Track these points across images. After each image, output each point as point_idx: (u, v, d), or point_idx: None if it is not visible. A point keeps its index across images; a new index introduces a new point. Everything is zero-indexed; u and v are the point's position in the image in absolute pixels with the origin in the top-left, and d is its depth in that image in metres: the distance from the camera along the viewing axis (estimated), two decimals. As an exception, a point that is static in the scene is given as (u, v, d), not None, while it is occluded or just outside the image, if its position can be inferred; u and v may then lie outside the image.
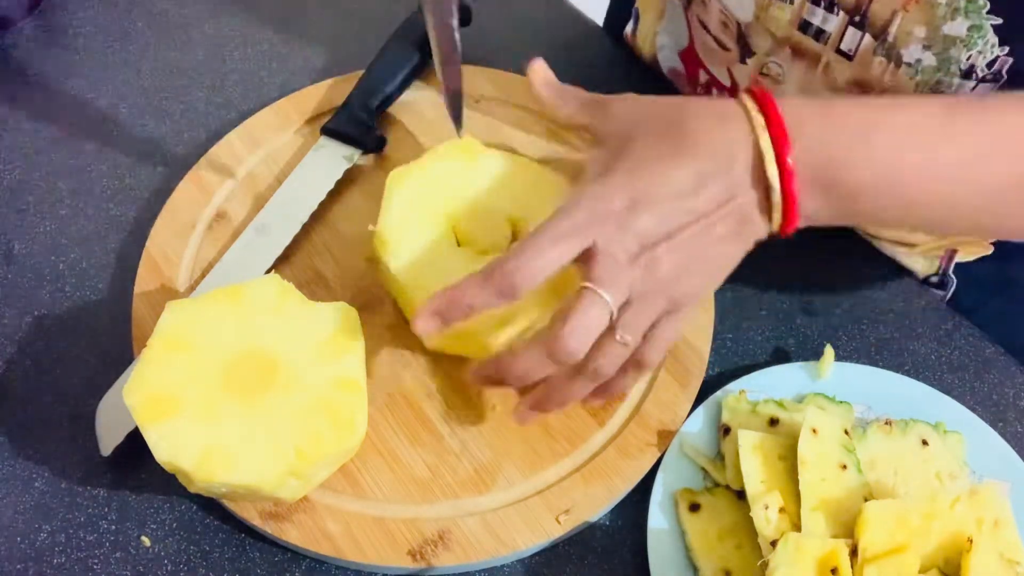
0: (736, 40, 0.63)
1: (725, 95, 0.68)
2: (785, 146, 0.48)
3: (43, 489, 0.59)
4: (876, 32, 0.56)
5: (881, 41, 0.56)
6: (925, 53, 0.55)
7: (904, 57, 0.55)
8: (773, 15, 0.59)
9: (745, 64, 0.64)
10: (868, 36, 0.56)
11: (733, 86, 0.67)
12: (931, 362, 0.65)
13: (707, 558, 0.55)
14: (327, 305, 0.57)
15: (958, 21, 0.52)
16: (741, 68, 0.64)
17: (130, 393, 0.53)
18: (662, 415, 0.60)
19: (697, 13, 0.66)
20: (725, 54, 0.65)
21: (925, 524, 0.52)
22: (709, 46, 0.66)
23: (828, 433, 0.56)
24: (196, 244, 0.67)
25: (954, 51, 0.54)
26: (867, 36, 0.56)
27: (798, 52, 0.60)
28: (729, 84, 0.67)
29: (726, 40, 0.64)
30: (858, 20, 0.56)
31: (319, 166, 0.69)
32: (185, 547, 0.57)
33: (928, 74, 0.55)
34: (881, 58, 0.56)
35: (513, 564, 0.57)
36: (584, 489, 0.58)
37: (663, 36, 0.73)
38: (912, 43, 0.55)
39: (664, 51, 0.74)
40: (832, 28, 0.58)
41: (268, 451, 0.52)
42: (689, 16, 0.68)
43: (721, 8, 0.63)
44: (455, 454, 0.59)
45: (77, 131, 0.75)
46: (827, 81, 0.60)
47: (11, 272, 0.68)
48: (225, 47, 0.80)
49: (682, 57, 0.71)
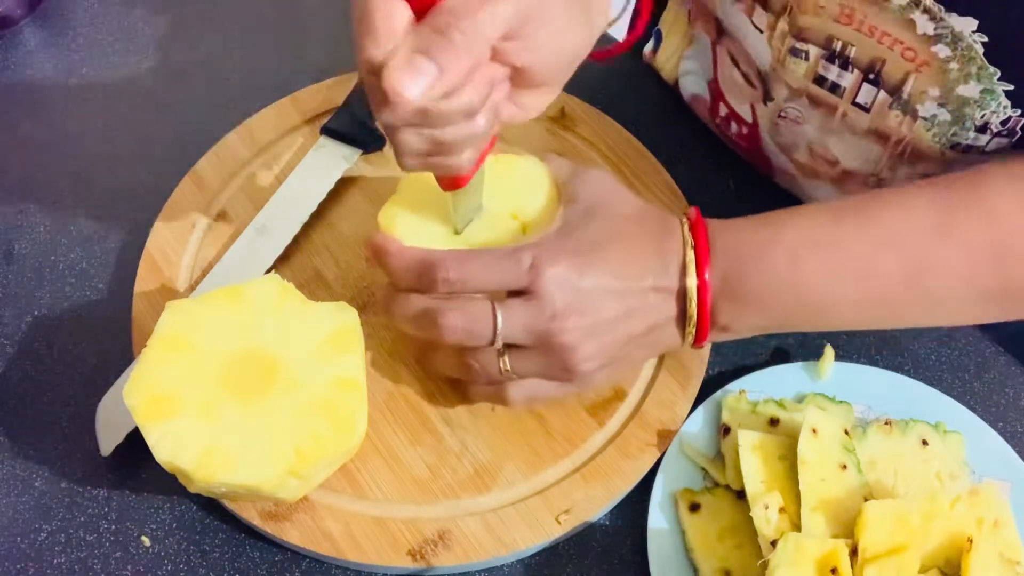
0: (759, 81, 0.64)
1: (744, 129, 0.69)
2: (705, 263, 0.53)
3: (43, 489, 0.59)
4: (890, 89, 0.57)
5: (896, 97, 0.57)
6: (940, 110, 0.55)
7: (920, 112, 0.56)
8: (789, 68, 0.60)
9: (766, 106, 0.65)
10: (883, 92, 0.57)
11: (754, 123, 0.67)
12: (931, 362, 0.65)
13: (707, 558, 0.55)
14: (327, 305, 0.57)
15: (971, 85, 0.53)
16: (762, 107, 0.65)
17: (130, 393, 0.53)
18: (662, 415, 0.60)
19: (728, 47, 0.66)
20: (751, 91, 0.66)
21: (925, 524, 0.52)
22: (735, 81, 0.67)
23: (828, 433, 0.56)
24: (196, 244, 0.67)
25: (968, 110, 0.55)
26: (882, 92, 0.57)
27: (815, 102, 0.61)
28: (751, 120, 0.67)
29: (753, 78, 0.65)
30: (872, 78, 0.57)
31: (319, 166, 0.69)
32: (185, 547, 0.57)
33: (944, 127, 0.56)
34: (897, 112, 0.57)
35: (513, 564, 0.57)
36: (584, 489, 0.58)
37: (689, 62, 0.73)
38: (927, 100, 0.56)
39: (689, 77, 0.74)
40: (847, 84, 0.58)
41: (268, 451, 0.52)
42: (717, 49, 0.68)
43: None
44: (455, 454, 0.59)
45: (77, 131, 0.75)
46: (846, 126, 0.61)
47: (11, 272, 0.68)
48: (225, 47, 0.80)
49: (709, 87, 0.71)
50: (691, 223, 0.55)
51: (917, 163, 0.60)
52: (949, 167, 0.58)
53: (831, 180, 0.66)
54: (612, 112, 0.74)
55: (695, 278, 0.53)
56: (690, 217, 0.56)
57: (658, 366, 0.62)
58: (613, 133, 0.73)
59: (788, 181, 0.70)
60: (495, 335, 0.52)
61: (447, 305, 0.53)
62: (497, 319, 0.52)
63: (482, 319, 0.52)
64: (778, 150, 0.67)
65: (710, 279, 0.53)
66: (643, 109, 0.77)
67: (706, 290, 0.53)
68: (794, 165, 0.67)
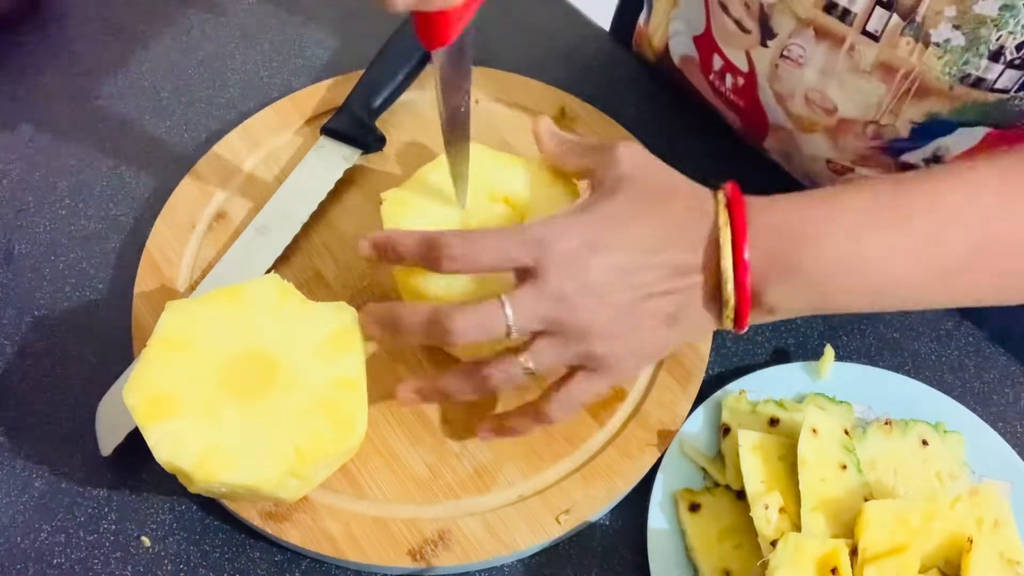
0: (758, 22, 0.63)
1: (740, 80, 0.67)
2: (743, 240, 0.51)
3: (43, 489, 0.59)
4: (904, 12, 0.55)
5: (909, 21, 0.55)
6: (954, 33, 0.54)
7: (932, 37, 0.55)
8: None
9: (766, 47, 0.63)
10: (896, 17, 0.55)
11: (750, 72, 0.66)
12: (931, 362, 0.65)
13: (707, 558, 0.55)
14: (327, 305, 0.57)
15: (990, 1, 0.52)
16: (761, 51, 0.64)
17: (130, 393, 0.53)
18: (662, 415, 0.60)
19: None
20: (745, 37, 0.64)
21: (925, 524, 0.52)
22: (728, 29, 0.65)
23: (828, 433, 0.56)
24: (196, 244, 0.67)
25: (984, 31, 0.53)
26: (895, 16, 0.55)
27: (821, 33, 0.59)
28: (747, 69, 0.66)
29: (747, 22, 0.63)
30: (886, 1, 0.55)
31: (319, 166, 0.69)
32: (185, 547, 0.57)
33: (956, 54, 0.54)
34: (909, 38, 0.56)
35: (513, 564, 0.57)
36: (584, 489, 0.58)
37: (676, 22, 0.73)
38: (941, 23, 0.54)
39: (677, 37, 0.73)
40: (858, 9, 0.57)
41: (268, 451, 0.52)
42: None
43: None
44: (455, 454, 0.59)
45: (77, 131, 0.75)
46: (850, 64, 0.59)
47: (11, 272, 0.68)
48: (225, 47, 0.80)
49: (696, 43, 0.70)
50: (729, 199, 0.52)
51: (923, 100, 0.58)
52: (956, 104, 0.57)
53: (827, 131, 0.65)
54: (612, 112, 0.74)
55: (731, 257, 0.51)
56: (727, 192, 0.53)
57: (658, 366, 0.62)
58: (613, 133, 0.73)
59: (782, 141, 0.69)
60: (508, 326, 0.50)
61: (453, 307, 0.51)
62: (506, 308, 0.50)
63: (491, 313, 0.50)
64: (775, 102, 0.66)
65: (750, 258, 0.51)
66: (643, 109, 0.77)
67: (745, 270, 0.51)
68: (790, 119, 0.66)
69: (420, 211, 0.59)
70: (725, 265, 0.51)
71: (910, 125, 0.60)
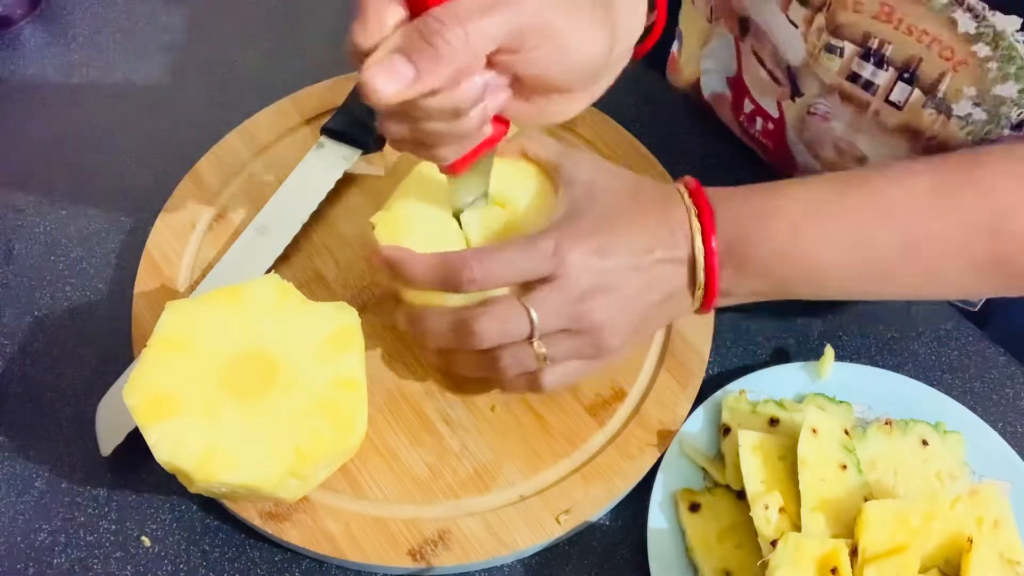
0: (787, 79, 0.64)
1: (771, 125, 0.69)
2: (710, 231, 0.54)
3: (43, 489, 0.59)
4: (926, 88, 0.57)
5: (931, 96, 0.57)
6: (976, 109, 0.55)
7: (955, 111, 0.56)
8: (823, 63, 0.60)
9: (794, 102, 0.65)
10: (918, 91, 0.57)
11: (780, 119, 0.67)
12: (931, 362, 0.65)
13: (707, 558, 0.55)
14: (327, 305, 0.57)
15: (1008, 84, 0.53)
16: (790, 104, 0.65)
17: (130, 393, 0.53)
18: (662, 415, 0.60)
19: (752, 45, 0.66)
20: (777, 88, 0.66)
21: (925, 524, 0.52)
22: (761, 78, 0.67)
23: (828, 433, 0.56)
24: (196, 244, 0.67)
25: (1004, 109, 0.55)
26: (916, 91, 0.57)
27: (847, 98, 0.61)
28: (777, 116, 0.67)
29: (779, 75, 0.65)
30: (907, 76, 0.57)
31: (319, 166, 0.69)
32: (185, 547, 0.57)
33: (978, 126, 0.56)
34: (931, 110, 0.57)
35: (513, 564, 0.57)
36: (584, 489, 0.58)
37: (707, 60, 0.73)
38: (963, 99, 0.56)
39: (709, 75, 0.74)
40: (881, 81, 0.58)
41: (268, 451, 0.52)
42: (741, 46, 0.68)
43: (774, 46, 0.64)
44: (455, 454, 0.59)
45: (77, 131, 0.75)
46: (876, 124, 0.61)
47: (11, 272, 0.68)
48: (225, 47, 0.80)
49: (730, 83, 0.71)
50: (691, 191, 0.56)
51: None
52: None
53: None
54: (612, 112, 0.74)
55: (702, 246, 0.54)
56: (689, 186, 0.56)
57: (658, 366, 0.62)
58: (613, 133, 0.73)
59: None
60: (532, 329, 0.53)
61: (477, 311, 0.53)
62: (531, 314, 0.52)
63: (515, 316, 0.52)
64: (803, 147, 0.67)
65: (716, 246, 0.54)
66: (643, 109, 0.77)
67: (714, 257, 0.54)
68: (819, 163, 0.67)
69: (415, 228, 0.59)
70: (698, 252, 0.54)
71: None
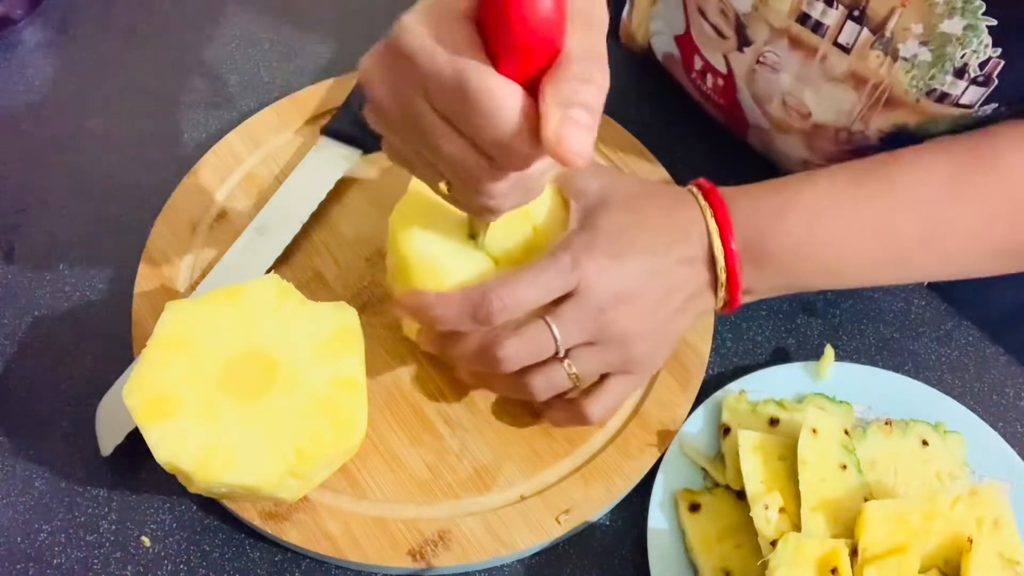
0: (734, 29, 0.64)
1: (720, 81, 0.69)
2: (728, 231, 0.55)
3: (43, 489, 0.59)
4: (874, 27, 0.57)
5: (879, 36, 0.57)
6: (921, 49, 0.56)
7: (901, 52, 0.56)
8: (772, 6, 0.60)
9: (743, 52, 0.65)
10: (866, 31, 0.57)
11: (729, 73, 0.68)
12: (931, 362, 0.65)
13: (707, 558, 0.55)
14: (327, 305, 0.57)
15: (955, 20, 0.53)
16: (739, 56, 0.65)
17: (130, 393, 0.53)
18: (662, 415, 0.60)
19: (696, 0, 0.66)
20: (722, 42, 0.66)
21: (925, 524, 0.52)
22: (706, 33, 0.67)
23: (828, 433, 0.56)
24: (196, 244, 0.67)
25: (949, 48, 0.55)
26: (865, 30, 0.57)
27: (795, 43, 0.61)
28: (725, 71, 0.68)
29: (724, 28, 0.65)
30: (857, 15, 0.57)
31: (319, 166, 0.69)
32: (185, 547, 0.57)
33: (923, 69, 0.56)
34: (878, 52, 0.57)
35: (513, 564, 0.57)
36: (584, 489, 0.58)
37: (656, 21, 0.74)
38: (909, 39, 0.56)
39: (658, 36, 0.75)
40: (831, 21, 0.59)
41: (268, 451, 0.52)
42: (687, 2, 0.68)
43: None
44: (455, 454, 0.59)
45: (77, 131, 0.75)
46: (823, 71, 0.61)
47: (11, 272, 0.68)
48: (225, 47, 0.80)
49: (678, 42, 0.72)
50: (705, 192, 0.56)
51: (891, 111, 0.60)
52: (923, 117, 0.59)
53: (802, 134, 0.66)
54: (612, 112, 0.74)
55: (721, 246, 0.55)
56: (702, 186, 0.57)
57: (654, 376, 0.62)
58: (613, 133, 0.73)
59: (761, 138, 0.71)
60: (557, 346, 0.53)
61: (501, 336, 0.53)
62: (553, 330, 0.52)
63: (539, 336, 0.53)
64: (753, 102, 0.68)
65: (735, 246, 0.55)
66: (643, 109, 0.77)
67: (733, 256, 0.55)
68: (767, 119, 0.68)
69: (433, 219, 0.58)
70: (717, 251, 0.55)
71: (879, 134, 0.62)
